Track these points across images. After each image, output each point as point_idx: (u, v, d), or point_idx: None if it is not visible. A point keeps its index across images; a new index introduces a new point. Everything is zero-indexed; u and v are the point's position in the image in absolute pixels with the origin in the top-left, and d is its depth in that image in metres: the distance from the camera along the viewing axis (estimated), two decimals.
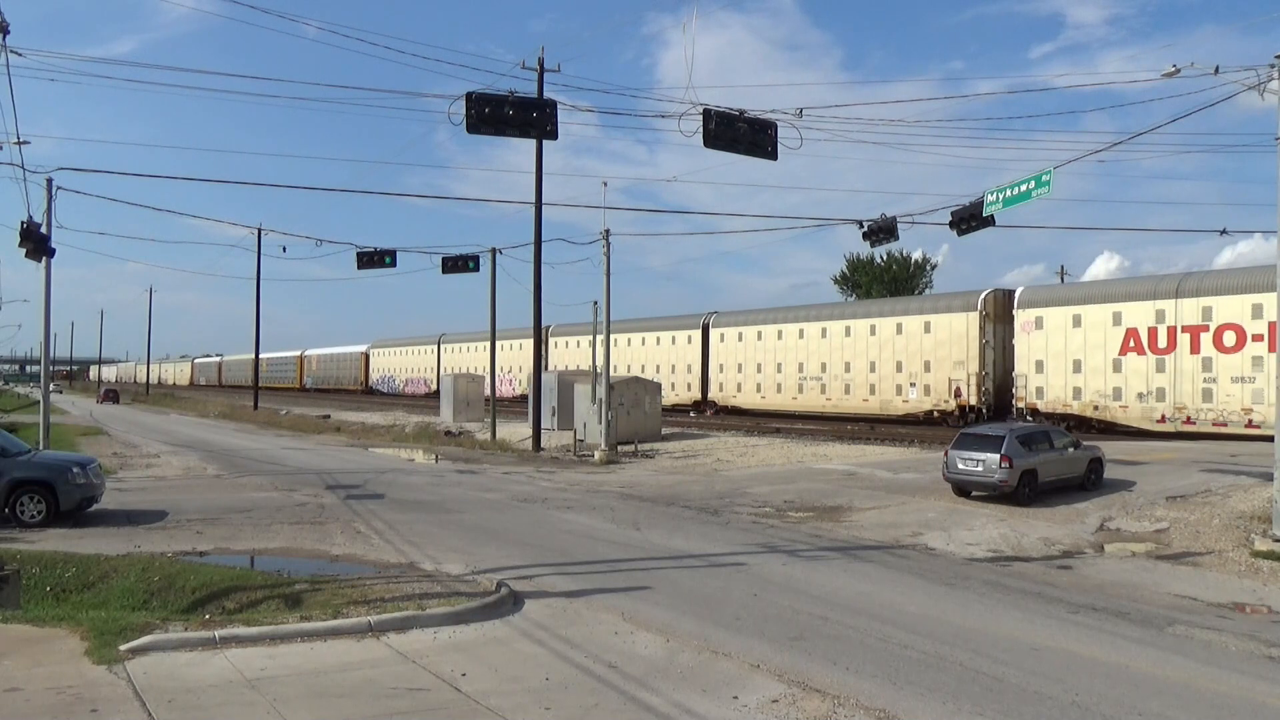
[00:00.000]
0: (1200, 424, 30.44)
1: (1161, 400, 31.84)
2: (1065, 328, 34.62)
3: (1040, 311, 35.64)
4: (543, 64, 30.04)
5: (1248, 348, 29.61)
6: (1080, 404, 34.12)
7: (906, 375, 39.99)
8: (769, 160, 16.22)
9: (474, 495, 21.88)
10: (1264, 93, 15.11)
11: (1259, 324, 29.19)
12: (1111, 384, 33.21)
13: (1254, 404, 29.34)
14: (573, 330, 55.69)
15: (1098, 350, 33.57)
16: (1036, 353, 35.51)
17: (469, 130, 14.66)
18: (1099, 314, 33.72)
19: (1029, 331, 35.80)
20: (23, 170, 21.49)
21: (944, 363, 38.64)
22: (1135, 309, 32.62)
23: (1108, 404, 33.33)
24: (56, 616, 10.32)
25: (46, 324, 24.16)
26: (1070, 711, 7.92)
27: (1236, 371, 29.95)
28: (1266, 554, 14.63)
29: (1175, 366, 31.36)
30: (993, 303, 37.88)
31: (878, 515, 18.83)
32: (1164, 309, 31.86)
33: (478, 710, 7.81)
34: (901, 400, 40.36)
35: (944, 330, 38.74)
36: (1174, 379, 31.41)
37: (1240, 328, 29.85)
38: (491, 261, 37.67)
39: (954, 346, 38.29)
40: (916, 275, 72.21)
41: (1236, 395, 29.85)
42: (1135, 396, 32.49)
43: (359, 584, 12.07)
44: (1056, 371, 34.79)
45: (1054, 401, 34.99)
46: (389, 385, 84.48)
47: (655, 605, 11.39)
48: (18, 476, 16.87)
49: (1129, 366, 32.68)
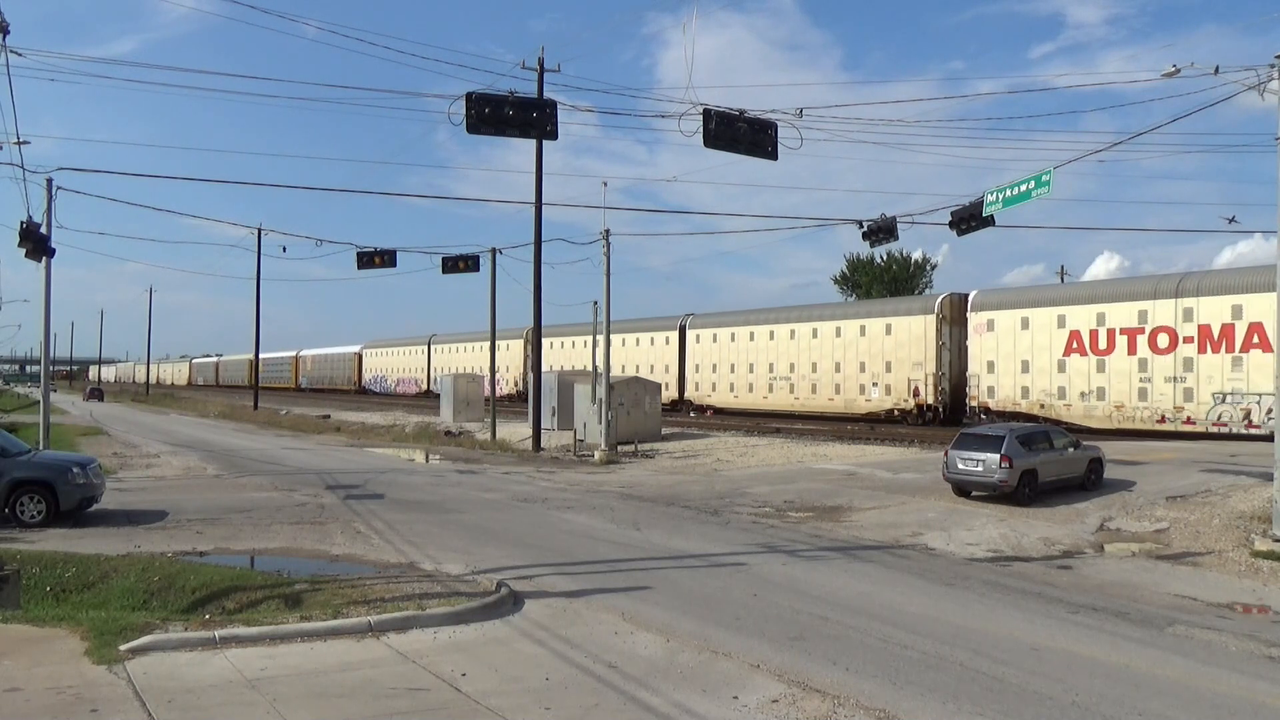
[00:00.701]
0: (1138, 421, 31.99)
1: (1102, 399, 33.48)
2: (1015, 330, 36.21)
3: (992, 314, 37.24)
4: (543, 64, 30.05)
5: (1179, 349, 31.32)
6: (1028, 402, 35.68)
7: (869, 375, 41.60)
8: (769, 160, 16.24)
9: (474, 495, 21.88)
10: (1264, 93, 15.11)
11: (1190, 327, 30.95)
12: (1056, 383, 34.84)
13: (1185, 402, 31.03)
14: (557, 331, 56.64)
15: (1044, 351, 35.12)
16: (988, 354, 37.10)
17: (469, 130, 14.66)
18: (1045, 317, 35.35)
19: (981, 334, 37.42)
20: (23, 170, 21.51)
21: (904, 363, 40.11)
22: (1078, 312, 34.25)
23: (1053, 402, 34.88)
24: (56, 616, 10.32)
25: (46, 324, 24.17)
26: (1070, 711, 7.92)
27: (1169, 372, 31.60)
28: (1266, 554, 14.63)
29: (1113, 367, 33.10)
30: (949, 306, 39.38)
31: (878, 515, 18.83)
32: (1104, 312, 33.52)
33: (478, 710, 7.81)
34: (864, 399, 41.87)
35: (904, 332, 40.25)
36: (1112, 379, 33.09)
37: (1173, 330, 31.55)
38: (491, 261, 37.70)
39: (913, 348, 39.74)
40: (916, 275, 72.13)
41: (1169, 394, 31.51)
42: (1078, 395, 34.06)
43: (359, 584, 12.07)
44: (1006, 372, 36.39)
45: (1004, 400, 36.53)
46: (381, 385, 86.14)
47: (655, 605, 11.39)
48: (18, 476, 16.87)
49: (1072, 367, 34.27)
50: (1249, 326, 29.50)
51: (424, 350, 78.42)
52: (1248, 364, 29.59)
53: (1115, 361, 33.09)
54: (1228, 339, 30.15)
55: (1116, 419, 32.61)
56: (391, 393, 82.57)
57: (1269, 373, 28.07)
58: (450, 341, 74.49)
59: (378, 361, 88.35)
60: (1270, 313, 25.97)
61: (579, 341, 55.80)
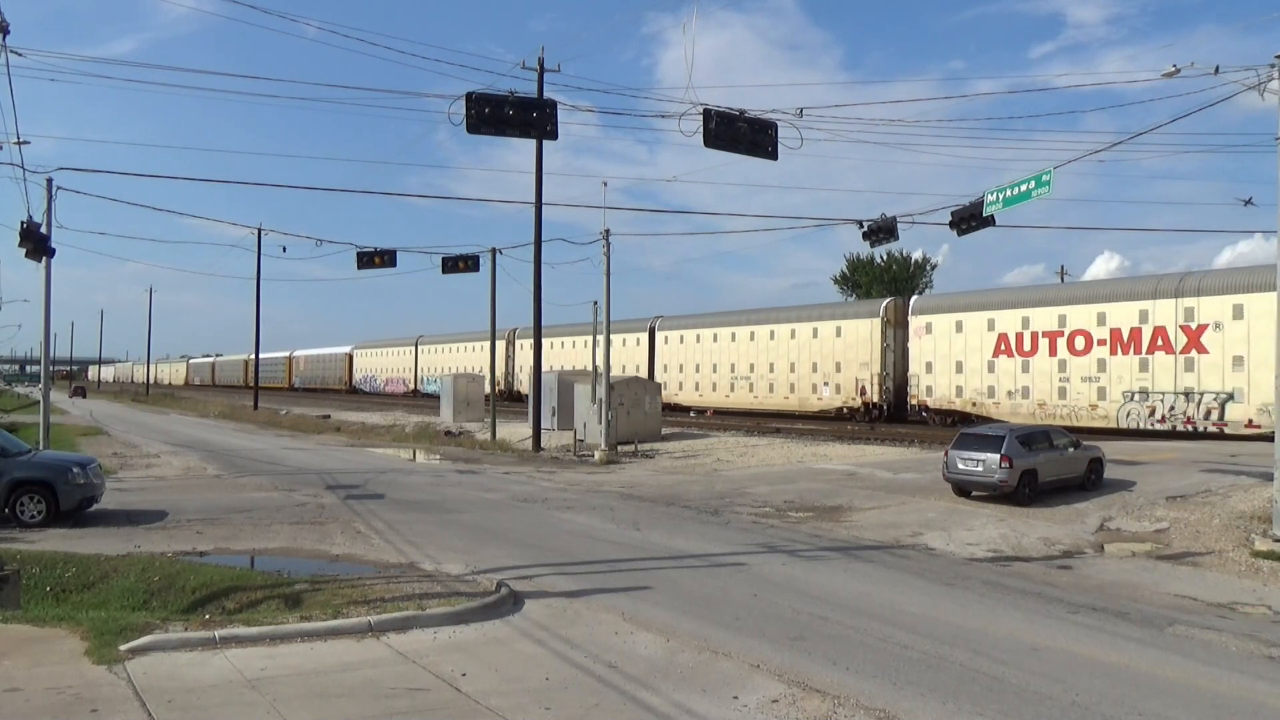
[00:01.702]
0: (1058, 418, 33.64)
1: (1026, 398, 35.79)
2: (950, 333, 38.57)
3: (930, 318, 39.62)
4: (543, 64, 30.04)
5: (1094, 351, 33.60)
6: (962, 400, 37.97)
7: (821, 375, 43.91)
8: (769, 160, 16.23)
9: (474, 495, 21.88)
10: (1264, 93, 15.11)
11: (1103, 330, 33.41)
12: (987, 383, 37.15)
13: (1099, 400, 33.39)
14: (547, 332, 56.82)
15: (976, 353, 37.46)
16: (927, 355, 39.36)
17: (469, 130, 14.66)
18: (977, 320, 37.60)
19: (920, 336, 39.75)
20: (23, 170, 21.51)
21: (852, 364, 42.50)
22: (1006, 316, 36.60)
23: (983, 401, 37.16)
24: (56, 616, 10.31)
25: (46, 324, 24.17)
26: (1070, 711, 7.92)
27: (1085, 372, 33.84)
28: (1266, 554, 14.63)
29: (1037, 368, 35.38)
30: (893, 310, 41.85)
31: (878, 515, 18.83)
32: (1028, 317, 35.82)
33: (478, 710, 7.81)
34: (816, 398, 44.24)
35: (852, 335, 42.62)
36: (1036, 379, 35.44)
37: (1088, 333, 33.78)
38: (491, 261, 37.70)
39: (860, 349, 42.14)
40: (916, 275, 72.09)
41: (1085, 393, 33.82)
42: (1005, 394, 36.39)
43: (359, 584, 12.07)
44: (943, 372, 38.68)
45: (941, 399, 38.73)
46: (371, 384, 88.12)
47: (655, 605, 11.39)
48: (18, 476, 16.87)
49: (1000, 367, 36.64)
50: (1154, 330, 32.01)
51: (411, 351, 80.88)
52: (1153, 365, 31.99)
53: (1038, 362, 35.23)
54: (1136, 341, 32.57)
55: (1039, 416, 34.45)
56: (381, 392, 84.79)
57: (1172, 373, 31.66)
58: (436, 342, 77.16)
59: (368, 362, 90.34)
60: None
61: (568, 341, 57.01)
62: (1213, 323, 30.48)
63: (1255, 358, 28.90)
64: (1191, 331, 31.10)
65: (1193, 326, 31.07)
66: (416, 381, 78.82)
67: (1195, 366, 30.98)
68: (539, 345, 34.66)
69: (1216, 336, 30.39)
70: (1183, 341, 31.29)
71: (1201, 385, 30.65)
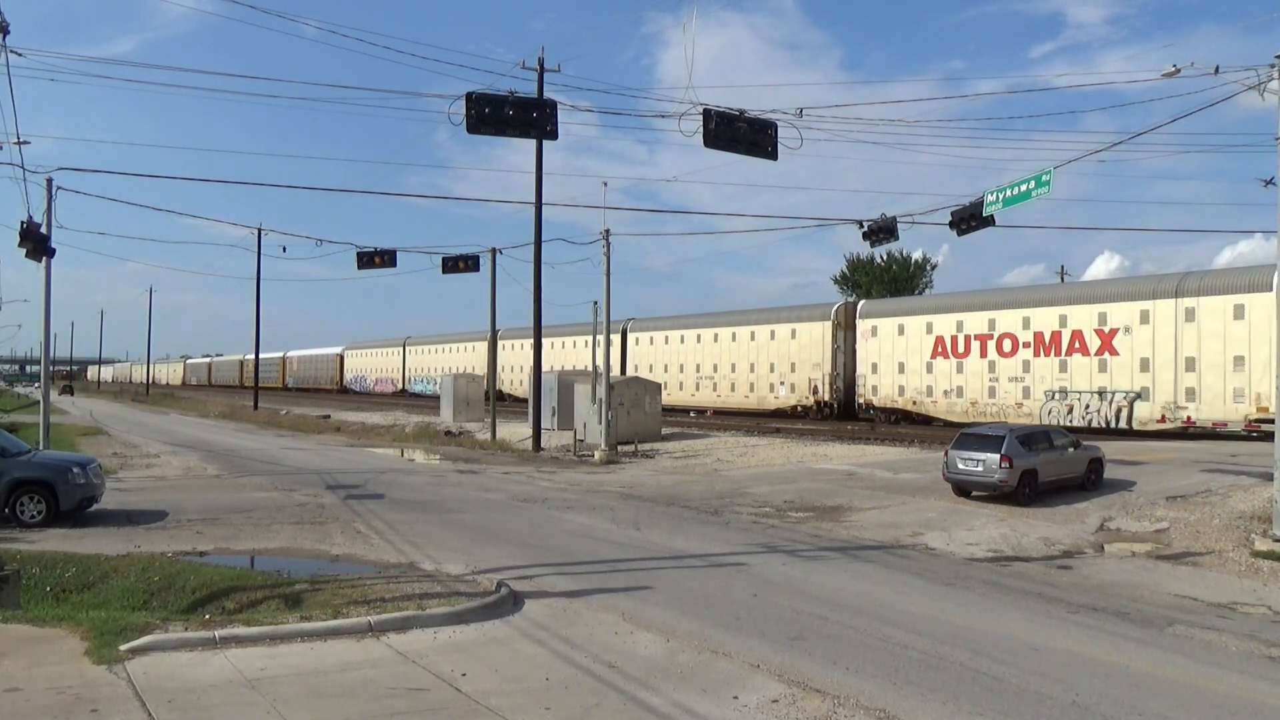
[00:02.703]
0: (989, 415, 35.95)
1: (960, 396, 38.15)
2: (893, 336, 40.96)
3: (875, 321, 42.07)
4: (543, 64, 30.05)
5: (1020, 353, 36.08)
6: (903, 399, 40.36)
7: (778, 375, 46.28)
8: (769, 160, 16.22)
9: (474, 495, 21.88)
10: (1264, 93, 15.11)
11: (1028, 333, 35.84)
12: (926, 382, 39.56)
13: (1024, 399, 35.84)
14: (522, 333, 59.67)
15: (916, 355, 39.92)
16: (872, 356, 41.89)
17: (469, 130, 14.66)
18: (917, 324, 40.05)
19: (867, 339, 42.22)
20: (23, 170, 21.49)
21: (806, 365, 44.90)
22: (942, 320, 39.02)
23: (923, 399, 39.59)
24: (56, 616, 10.31)
25: (46, 324, 24.16)
26: (1070, 711, 7.92)
27: (1012, 373, 36.32)
28: (1266, 554, 14.63)
29: (969, 368, 37.86)
30: (843, 313, 44.25)
31: (878, 515, 18.83)
32: (962, 320, 38.22)
33: (478, 710, 7.81)
34: (774, 397, 46.53)
35: (806, 337, 44.93)
36: (969, 378, 37.89)
37: (1015, 336, 36.25)
38: (491, 262, 37.69)
39: (813, 351, 44.51)
40: (916, 275, 72.03)
41: (1012, 392, 36.25)
42: (942, 393, 38.79)
43: (359, 584, 12.07)
44: (887, 372, 41.16)
45: (885, 398, 41.16)
46: (361, 384, 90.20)
47: (655, 605, 11.39)
48: (18, 476, 16.86)
49: (938, 368, 39.05)
50: (1072, 333, 34.37)
51: (400, 351, 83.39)
52: (1071, 366, 34.36)
53: (971, 363, 37.73)
54: (1056, 344, 34.98)
55: (972, 414, 36.74)
56: (370, 391, 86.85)
57: (1088, 373, 33.93)
58: (423, 344, 79.97)
59: (358, 362, 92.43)
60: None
61: (557, 342, 58.03)
62: (1123, 327, 32.86)
63: (1160, 359, 31.81)
64: (1104, 335, 33.44)
65: (1105, 330, 33.40)
66: (404, 381, 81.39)
67: (1108, 367, 33.30)
68: (539, 345, 34.65)
69: (1126, 340, 32.81)
70: (1097, 344, 33.69)
71: (1113, 385, 33.12)
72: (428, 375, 77.13)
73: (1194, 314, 31.25)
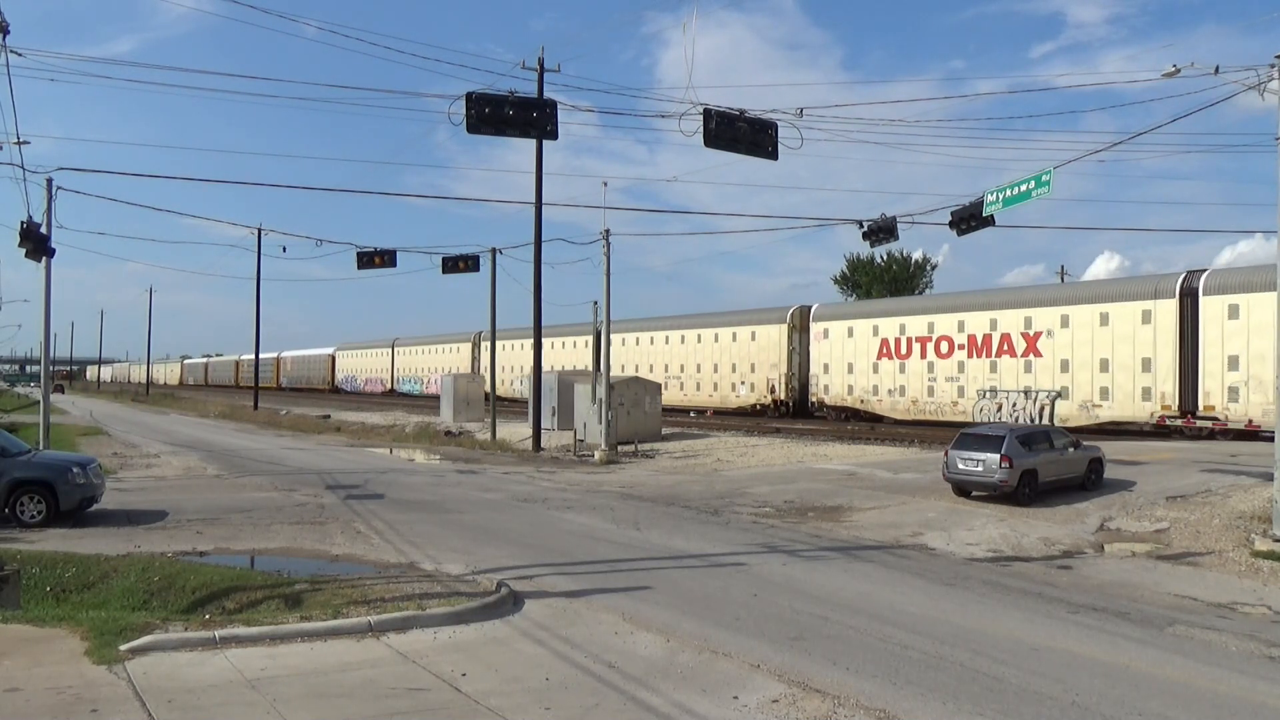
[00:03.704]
0: (928, 413, 38.94)
1: (903, 395, 40.41)
2: (843, 338, 43.42)
3: (827, 324, 44.55)
4: (543, 64, 30.05)
5: (955, 355, 38.47)
6: (852, 398, 42.74)
7: (739, 375, 48.48)
8: (769, 160, 16.21)
9: (474, 495, 21.88)
10: (1264, 93, 15.10)
11: (962, 336, 38.34)
12: (872, 382, 41.95)
13: (959, 397, 38.26)
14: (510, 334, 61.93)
15: (863, 356, 42.35)
16: (824, 357, 44.33)
17: (469, 130, 14.65)
18: (864, 327, 42.53)
19: (819, 341, 44.65)
20: (23, 170, 21.50)
21: (764, 365, 47.16)
22: (887, 324, 41.48)
23: (869, 398, 41.96)
24: (56, 616, 10.31)
25: (46, 324, 24.17)
26: (1070, 711, 7.92)
27: (949, 373, 38.60)
28: (1266, 554, 14.63)
29: (911, 369, 40.22)
30: (798, 316, 46.43)
31: (878, 515, 18.83)
32: (905, 324, 40.64)
33: (478, 710, 7.81)
34: (735, 396, 48.71)
35: (764, 339, 47.20)
36: (910, 378, 40.23)
37: (951, 339, 38.72)
38: (491, 262, 37.69)
39: (771, 352, 46.77)
40: (916, 275, 71.98)
41: (948, 391, 38.62)
42: (886, 392, 41.25)
43: (359, 584, 12.07)
44: (838, 372, 43.59)
45: (836, 396, 43.60)
46: (352, 384, 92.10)
47: (655, 605, 11.39)
48: (18, 476, 16.86)
49: (883, 369, 41.49)
50: (1001, 336, 36.81)
51: (388, 352, 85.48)
52: (1000, 367, 36.87)
53: (912, 364, 40.10)
54: (987, 346, 37.44)
55: (913, 412, 39.56)
56: (360, 391, 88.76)
57: (1015, 374, 36.37)
58: (410, 344, 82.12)
59: (349, 363, 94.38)
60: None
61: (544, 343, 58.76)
62: (1045, 330, 35.29)
63: (1077, 360, 34.22)
64: (1030, 338, 35.88)
65: (1031, 334, 35.81)
66: (393, 381, 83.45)
67: (1033, 369, 35.73)
68: (539, 345, 34.67)
69: (1049, 342, 35.23)
70: (1023, 346, 36.21)
71: (1037, 384, 35.46)
72: (415, 375, 79.40)
73: (1108, 319, 33.63)
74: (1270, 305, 27.34)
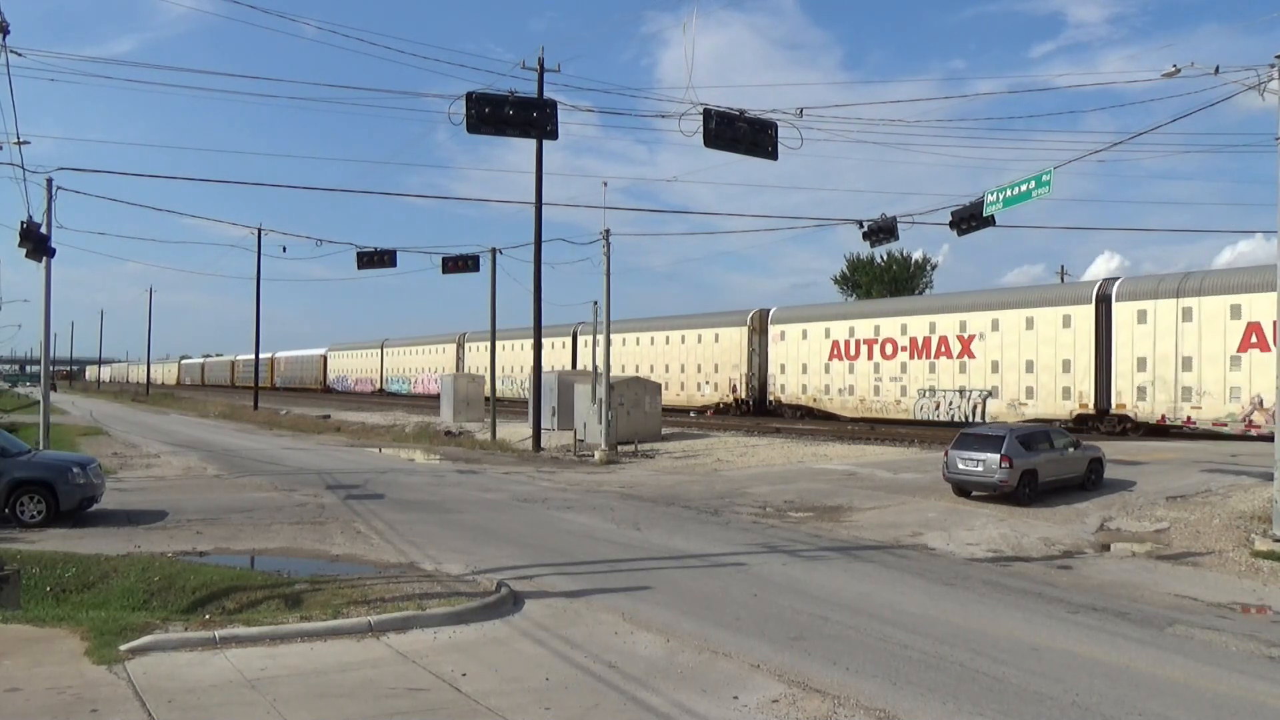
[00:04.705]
0: (874, 411, 41.22)
1: (851, 394, 42.79)
2: (798, 340, 45.62)
3: (783, 327, 46.60)
4: (543, 64, 30.05)
5: (898, 356, 40.65)
6: (806, 396, 45.01)
7: (704, 375, 50.73)
8: (769, 160, 16.21)
9: (474, 495, 21.88)
10: (1264, 93, 15.10)
11: (905, 339, 40.55)
12: (824, 382, 44.19)
13: (901, 396, 40.38)
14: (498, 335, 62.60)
15: (816, 357, 44.56)
16: (781, 358, 46.49)
17: (469, 130, 14.66)
18: (818, 329, 44.63)
19: (776, 342, 46.78)
20: (23, 170, 21.47)
21: (726, 366, 49.40)
22: (838, 326, 43.77)
23: (821, 396, 44.30)
24: (56, 616, 10.31)
25: (46, 324, 24.17)
26: (1070, 711, 7.92)
27: (893, 373, 40.93)
28: (1267, 554, 14.63)
29: (859, 369, 42.54)
30: (758, 319, 48.34)
31: (878, 515, 18.83)
32: (854, 326, 43.01)
33: (478, 710, 7.81)
34: (700, 395, 50.91)
35: (727, 340, 49.47)
36: (858, 378, 42.53)
37: (895, 341, 40.91)
38: (492, 262, 37.71)
39: (732, 353, 49.04)
40: (917, 275, 71.98)
41: (892, 391, 40.90)
42: (837, 391, 43.52)
43: (359, 584, 12.07)
44: (793, 372, 45.74)
45: (792, 395, 45.72)
46: (343, 384, 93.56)
47: (655, 605, 11.39)
48: (18, 476, 16.86)
49: (834, 369, 43.77)
50: (939, 339, 38.97)
51: (378, 353, 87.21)
52: (938, 368, 38.94)
53: (860, 365, 42.44)
54: (927, 349, 39.58)
55: (860, 410, 42.00)
56: (351, 390, 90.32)
57: (951, 374, 38.51)
58: (399, 345, 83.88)
59: (340, 363, 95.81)
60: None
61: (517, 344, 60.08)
62: (979, 334, 37.56)
63: (1006, 362, 36.54)
64: (964, 340, 38.08)
65: (965, 337, 38.06)
66: (382, 381, 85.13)
67: (967, 369, 37.98)
68: (539, 345, 34.68)
69: (981, 345, 37.49)
70: (958, 349, 38.36)
71: (970, 384, 37.76)
72: (403, 375, 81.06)
73: (1033, 323, 35.78)
74: (1173, 313, 31.69)
